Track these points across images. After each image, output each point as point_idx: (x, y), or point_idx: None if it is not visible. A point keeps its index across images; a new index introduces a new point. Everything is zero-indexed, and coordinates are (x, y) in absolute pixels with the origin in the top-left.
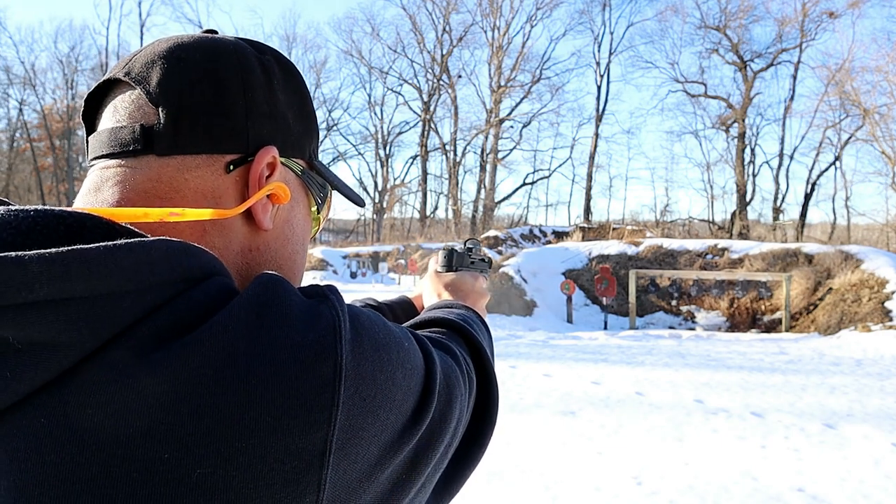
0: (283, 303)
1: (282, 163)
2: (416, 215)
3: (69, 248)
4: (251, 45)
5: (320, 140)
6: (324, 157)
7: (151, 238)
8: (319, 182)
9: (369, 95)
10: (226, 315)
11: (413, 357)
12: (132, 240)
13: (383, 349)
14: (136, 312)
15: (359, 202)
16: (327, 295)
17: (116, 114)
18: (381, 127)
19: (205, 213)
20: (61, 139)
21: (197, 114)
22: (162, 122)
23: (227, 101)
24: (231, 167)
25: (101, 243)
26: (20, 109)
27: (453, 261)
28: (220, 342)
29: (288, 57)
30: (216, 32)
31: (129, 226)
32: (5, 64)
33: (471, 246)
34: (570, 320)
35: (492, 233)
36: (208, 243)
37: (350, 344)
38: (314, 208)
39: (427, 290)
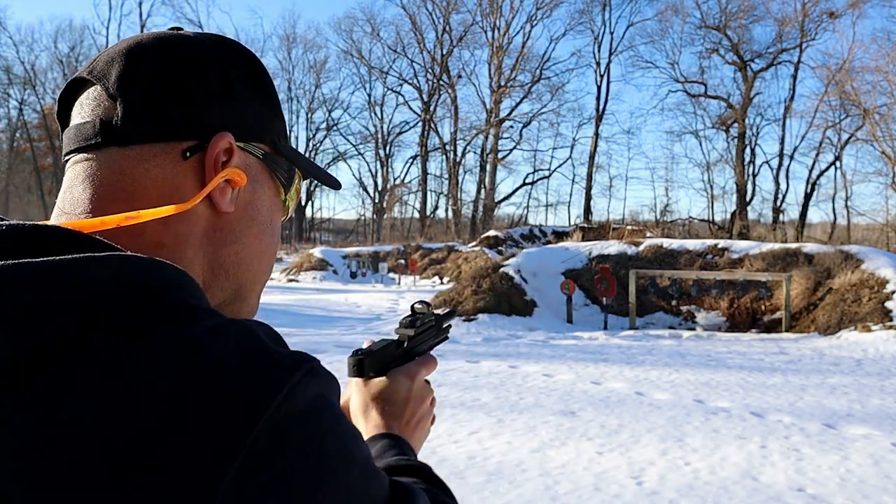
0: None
1: (240, 147)
2: (416, 215)
3: (22, 261)
4: (209, 38)
5: (318, 138)
6: (324, 157)
7: (102, 254)
8: (285, 165)
9: (369, 95)
10: (148, 348)
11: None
12: (81, 255)
13: (323, 460)
14: (61, 329)
15: (333, 184)
16: (302, 365)
17: (82, 110)
18: (381, 127)
19: (161, 212)
20: (61, 139)
21: (152, 104)
22: (120, 114)
23: (181, 91)
24: (188, 154)
25: (53, 257)
26: (20, 109)
27: (373, 362)
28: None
29: (253, 51)
30: (181, 30)
31: (95, 236)
32: (5, 64)
33: (416, 315)
34: (570, 320)
35: (492, 233)
36: (172, 231)
37: (280, 422)
38: (281, 191)
39: (352, 405)
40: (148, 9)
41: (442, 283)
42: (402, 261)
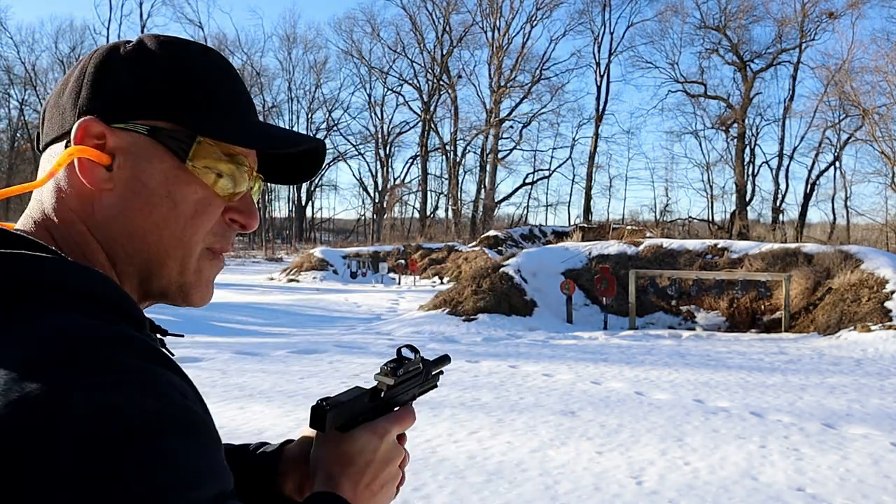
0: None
1: (119, 128)
2: (416, 215)
3: None
4: (134, 39)
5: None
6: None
7: None
8: (182, 137)
9: (369, 95)
10: None
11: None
12: None
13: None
14: None
15: (258, 143)
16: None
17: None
18: (382, 127)
19: (11, 190)
20: None
21: (52, 112)
22: (41, 124)
23: (66, 95)
24: (67, 144)
25: None
26: (21, 110)
27: (338, 415)
28: None
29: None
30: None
31: (20, 232)
32: (6, 64)
33: (401, 361)
34: (569, 320)
35: (492, 233)
36: (62, 214)
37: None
38: (185, 161)
39: (312, 454)
40: (148, 9)
41: (442, 282)
42: (403, 261)
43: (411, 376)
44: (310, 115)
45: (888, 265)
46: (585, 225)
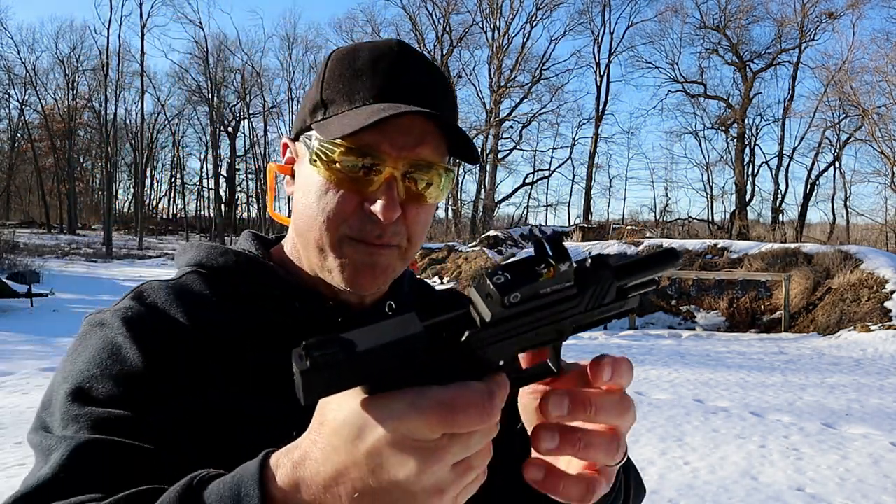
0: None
1: (293, 140)
2: None
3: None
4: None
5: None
6: None
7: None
8: (310, 134)
9: None
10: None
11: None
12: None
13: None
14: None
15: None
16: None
17: None
18: None
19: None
20: (62, 139)
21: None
22: None
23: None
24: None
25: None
26: (21, 110)
27: (343, 375)
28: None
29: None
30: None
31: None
32: (7, 64)
33: (529, 262)
34: None
35: (492, 233)
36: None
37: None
38: (311, 155)
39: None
40: (148, 9)
41: (442, 282)
42: None
43: (545, 304)
44: None
45: (888, 265)
46: (585, 225)
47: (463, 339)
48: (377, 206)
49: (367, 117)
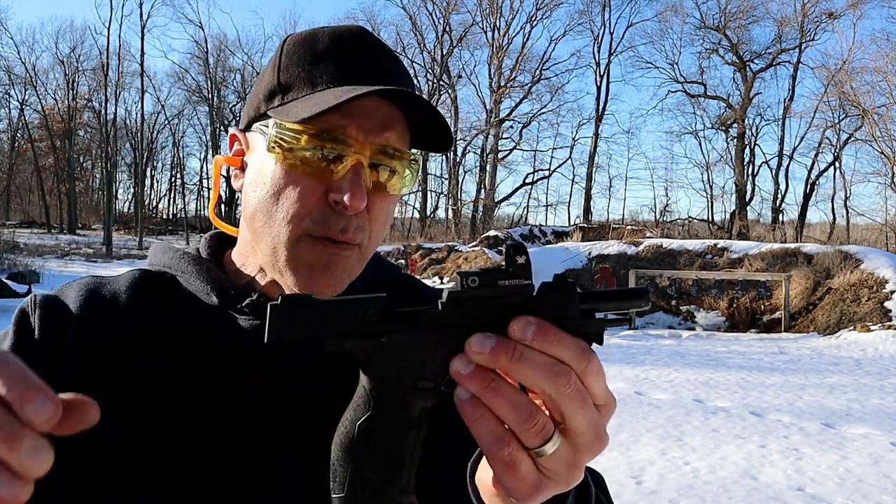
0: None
1: (243, 131)
2: (416, 215)
3: None
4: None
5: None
6: None
7: None
8: (267, 122)
9: None
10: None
11: None
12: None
13: None
14: None
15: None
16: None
17: None
18: None
19: None
20: (62, 139)
21: None
22: None
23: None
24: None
25: None
26: (21, 110)
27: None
28: None
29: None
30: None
31: None
32: (6, 64)
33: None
34: None
35: (492, 233)
36: None
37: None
38: (271, 145)
39: None
40: (148, 9)
41: (442, 283)
42: (403, 261)
43: (499, 294)
44: None
45: (888, 265)
46: (585, 225)
47: (420, 314)
48: (343, 195)
49: (335, 98)
